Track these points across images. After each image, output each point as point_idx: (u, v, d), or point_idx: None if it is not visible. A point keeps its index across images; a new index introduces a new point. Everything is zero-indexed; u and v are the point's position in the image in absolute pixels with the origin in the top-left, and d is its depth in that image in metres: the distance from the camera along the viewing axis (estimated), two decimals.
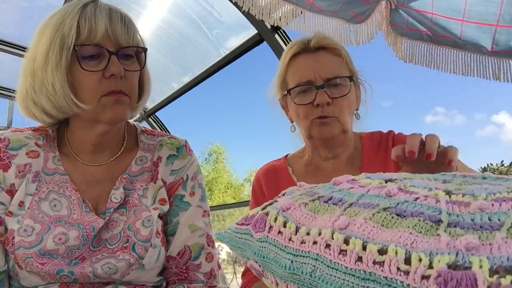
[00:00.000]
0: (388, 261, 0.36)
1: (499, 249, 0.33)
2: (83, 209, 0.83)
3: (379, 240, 0.39)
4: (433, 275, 0.32)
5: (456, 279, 0.31)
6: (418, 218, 0.39)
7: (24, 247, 0.76)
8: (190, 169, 0.95)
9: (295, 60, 1.04)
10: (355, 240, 0.40)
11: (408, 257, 0.35)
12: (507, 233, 0.35)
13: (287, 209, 0.54)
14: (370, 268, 0.37)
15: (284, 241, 0.49)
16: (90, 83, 0.77)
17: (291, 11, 1.28)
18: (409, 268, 0.34)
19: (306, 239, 0.46)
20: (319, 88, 0.98)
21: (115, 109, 0.79)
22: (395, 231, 0.39)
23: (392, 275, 0.35)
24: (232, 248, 0.59)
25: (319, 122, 0.99)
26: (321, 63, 1.00)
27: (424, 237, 0.37)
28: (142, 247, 0.81)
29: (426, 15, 1.06)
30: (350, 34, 1.18)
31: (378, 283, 0.36)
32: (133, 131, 0.97)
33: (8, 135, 0.85)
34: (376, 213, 0.43)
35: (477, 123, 50.94)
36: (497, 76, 1.03)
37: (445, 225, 0.38)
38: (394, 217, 0.41)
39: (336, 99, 0.99)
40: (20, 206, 0.80)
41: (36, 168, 0.84)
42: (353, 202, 0.48)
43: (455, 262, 0.33)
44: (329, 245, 0.42)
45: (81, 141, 0.87)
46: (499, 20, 0.95)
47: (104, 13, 0.77)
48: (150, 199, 0.89)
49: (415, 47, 1.13)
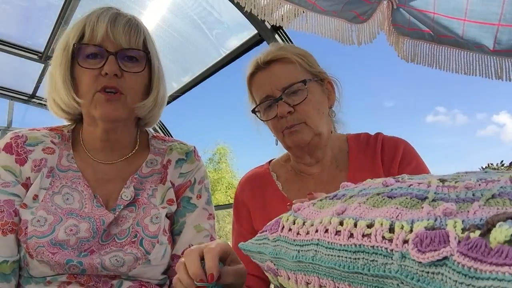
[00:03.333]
0: (374, 232, 0.39)
1: (474, 213, 0.36)
2: (94, 204, 0.87)
3: (369, 217, 0.42)
4: (412, 237, 0.36)
5: (430, 237, 0.34)
6: (406, 197, 0.43)
7: (36, 237, 0.80)
8: (197, 173, 0.99)
9: (253, 80, 1.05)
10: (348, 220, 0.44)
11: (392, 226, 0.39)
12: (485, 202, 0.37)
13: (298, 210, 0.58)
14: (360, 241, 0.40)
15: (293, 236, 0.53)
16: (87, 78, 0.83)
17: (293, 11, 1.29)
18: (392, 235, 0.38)
19: (311, 230, 0.50)
20: (278, 100, 0.98)
21: (105, 107, 0.84)
22: (383, 209, 0.42)
23: (377, 243, 0.38)
24: (253, 256, 0.62)
25: (288, 132, 0.99)
26: (274, 76, 1.01)
27: (408, 210, 0.40)
28: (149, 242, 0.85)
29: (428, 14, 1.06)
30: (352, 34, 1.19)
31: (366, 253, 0.39)
32: (145, 136, 1.03)
33: (25, 133, 0.91)
34: (370, 198, 0.47)
35: (478, 123, 50.97)
36: (499, 75, 1.03)
37: (429, 201, 0.41)
38: (385, 199, 0.45)
39: (298, 105, 0.98)
40: (34, 199, 0.85)
41: (50, 164, 0.89)
42: (353, 195, 0.51)
43: (432, 226, 0.36)
44: (328, 230, 0.46)
45: (91, 137, 0.93)
46: (501, 20, 0.96)
47: (110, 17, 0.84)
48: (159, 199, 0.93)
49: (417, 47, 1.13)
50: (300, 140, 0.98)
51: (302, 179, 1.09)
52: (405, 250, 0.36)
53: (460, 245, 0.32)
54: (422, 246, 0.34)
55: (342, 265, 0.41)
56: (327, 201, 0.55)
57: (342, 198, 0.53)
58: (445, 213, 0.37)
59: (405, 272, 0.35)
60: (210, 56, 3.01)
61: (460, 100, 57.19)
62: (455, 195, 0.41)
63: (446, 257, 0.32)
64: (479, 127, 50.09)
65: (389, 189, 0.47)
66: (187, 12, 2.84)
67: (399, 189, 0.46)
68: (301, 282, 0.49)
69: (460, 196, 0.40)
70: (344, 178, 1.03)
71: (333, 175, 1.06)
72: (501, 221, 0.31)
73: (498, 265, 0.28)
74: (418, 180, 0.48)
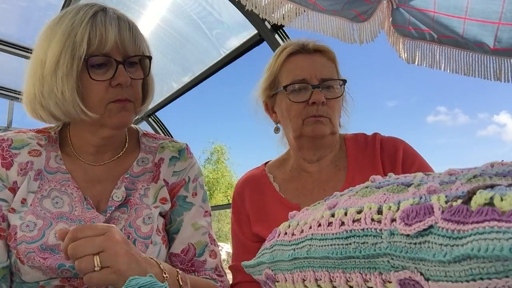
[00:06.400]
0: (364, 216, 0.41)
1: (457, 189, 0.38)
2: (85, 206, 0.85)
3: (358, 205, 0.44)
4: (399, 214, 0.37)
5: (415, 211, 0.36)
6: (393, 185, 0.45)
7: (26, 242, 0.78)
8: (191, 171, 0.98)
9: (291, 59, 1.05)
10: (339, 211, 0.46)
11: (380, 209, 0.40)
12: (466, 181, 0.40)
13: (294, 216, 0.60)
14: (351, 226, 0.42)
15: (289, 237, 0.54)
16: (98, 91, 0.80)
17: (294, 10, 1.29)
18: (380, 217, 0.39)
19: (305, 228, 0.51)
20: (315, 87, 0.99)
21: (120, 116, 0.83)
22: (372, 196, 0.45)
23: (367, 226, 0.40)
24: (254, 272, 0.63)
25: (314, 120, 0.99)
26: (317, 64, 1.02)
27: (395, 194, 0.42)
28: (142, 243, 0.83)
29: (428, 13, 1.07)
30: (354, 33, 1.19)
31: (357, 237, 0.40)
32: (135, 133, 1.00)
33: (11, 136, 0.89)
34: (359, 191, 0.49)
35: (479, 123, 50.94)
36: (498, 76, 1.03)
37: (415, 185, 0.43)
38: (373, 189, 0.47)
39: (330, 100, 0.99)
40: (23, 203, 0.83)
41: (38, 166, 0.87)
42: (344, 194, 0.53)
43: (418, 202, 0.37)
44: (320, 223, 0.47)
45: (84, 143, 0.90)
46: (501, 18, 0.96)
47: (114, 23, 0.81)
48: (151, 198, 0.91)
49: (417, 47, 1.13)
50: (320, 132, 1.00)
51: (300, 177, 1.09)
52: (393, 228, 0.37)
53: (444, 214, 0.34)
54: (408, 220, 0.36)
55: (335, 252, 0.42)
56: (320, 204, 0.57)
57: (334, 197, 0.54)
58: (429, 191, 0.39)
59: (394, 247, 0.36)
60: (210, 56, 3.01)
61: (461, 100, 57.21)
62: (439, 180, 0.43)
63: (431, 225, 0.34)
64: (480, 127, 50.10)
65: (377, 183, 0.50)
66: (187, 12, 2.84)
67: (386, 181, 0.48)
68: (298, 280, 0.50)
69: (444, 180, 0.43)
70: (343, 177, 1.04)
71: (332, 174, 1.06)
72: (481, 189, 0.33)
73: (479, 223, 0.30)
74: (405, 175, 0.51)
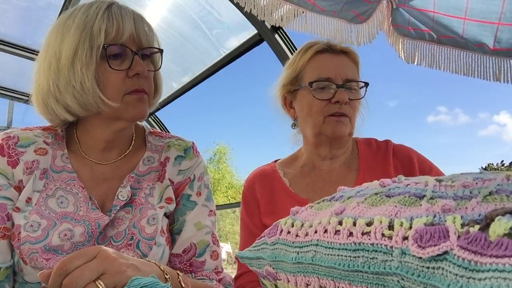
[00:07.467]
0: (374, 229, 0.39)
1: (473, 209, 0.36)
2: (89, 206, 0.84)
3: (368, 215, 0.42)
4: (412, 233, 0.35)
5: (430, 233, 0.34)
6: (404, 195, 0.43)
7: (30, 242, 0.78)
8: (197, 170, 0.97)
9: (318, 57, 1.07)
10: (347, 219, 0.43)
11: (391, 224, 0.38)
12: (482, 199, 0.37)
13: (296, 213, 0.58)
14: (359, 239, 0.40)
15: (292, 238, 0.52)
16: (116, 81, 0.80)
17: (293, 11, 1.28)
18: (391, 232, 0.37)
19: (309, 231, 0.49)
20: (339, 87, 1.02)
21: (137, 107, 0.82)
22: (382, 207, 0.42)
23: (377, 241, 0.38)
24: (251, 263, 0.62)
25: (335, 120, 1.02)
26: (343, 65, 1.05)
27: (407, 208, 0.40)
28: (146, 245, 0.83)
29: (428, 13, 1.06)
30: (351, 35, 1.19)
31: (366, 251, 0.39)
32: (141, 131, 1.00)
33: (17, 133, 0.88)
34: (368, 197, 0.47)
35: (479, 123, 50.84)
36: (497, 77, 1.03)
37: (428, 198, 0.40)
38: (384, 198, 0.45)
39: (351, 101, 1.02)
40: (28, 202, 0.83)
41: (43, 165, 0.86)
42: (351, 196, 0.51)
43: (432, 222, 0.36)
44: (327, 230, 0.46)
45: (93, 139, 0.89)
46: (501, 18, 0.96)
47: (130, 15, 0.82)
48: (157, 198, 0.90)
49: (417, 47, 1.13)
50: (340, 131, 1.02)
51: (311, 174, 1.10)
52: (405, 247, 0.35)
53: (460, 240, 0.32)
54: (422, 242, 0.34)
55: (342, 264, 0.41)
56: (325, 203, 0.55)
57: (340, 199, 0.52)
58: (443, 210, 0.37)
59: (406, 268, 0.34)
60: (210, 56, 3.01)
61: (462, 99, 57.15)
62: (452, 193, 0.41)
63: (446, 251, 0.32)
64: (480, 127, 50.02)
65: (386, 189, 0.47)
66: (187, 12, 2.84)
67: (397, 189, 0.46)
68: (301, 284, 0.48)
69: (457, 194, 0.40)
70: (353, 178, 1.06)
71: (343, 174, 1.08)
72: (499, 215, 0.31)
73: (498, 257, 0.28)
74: (415, 180, 0.49)
